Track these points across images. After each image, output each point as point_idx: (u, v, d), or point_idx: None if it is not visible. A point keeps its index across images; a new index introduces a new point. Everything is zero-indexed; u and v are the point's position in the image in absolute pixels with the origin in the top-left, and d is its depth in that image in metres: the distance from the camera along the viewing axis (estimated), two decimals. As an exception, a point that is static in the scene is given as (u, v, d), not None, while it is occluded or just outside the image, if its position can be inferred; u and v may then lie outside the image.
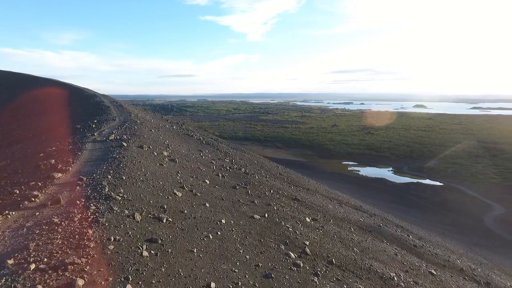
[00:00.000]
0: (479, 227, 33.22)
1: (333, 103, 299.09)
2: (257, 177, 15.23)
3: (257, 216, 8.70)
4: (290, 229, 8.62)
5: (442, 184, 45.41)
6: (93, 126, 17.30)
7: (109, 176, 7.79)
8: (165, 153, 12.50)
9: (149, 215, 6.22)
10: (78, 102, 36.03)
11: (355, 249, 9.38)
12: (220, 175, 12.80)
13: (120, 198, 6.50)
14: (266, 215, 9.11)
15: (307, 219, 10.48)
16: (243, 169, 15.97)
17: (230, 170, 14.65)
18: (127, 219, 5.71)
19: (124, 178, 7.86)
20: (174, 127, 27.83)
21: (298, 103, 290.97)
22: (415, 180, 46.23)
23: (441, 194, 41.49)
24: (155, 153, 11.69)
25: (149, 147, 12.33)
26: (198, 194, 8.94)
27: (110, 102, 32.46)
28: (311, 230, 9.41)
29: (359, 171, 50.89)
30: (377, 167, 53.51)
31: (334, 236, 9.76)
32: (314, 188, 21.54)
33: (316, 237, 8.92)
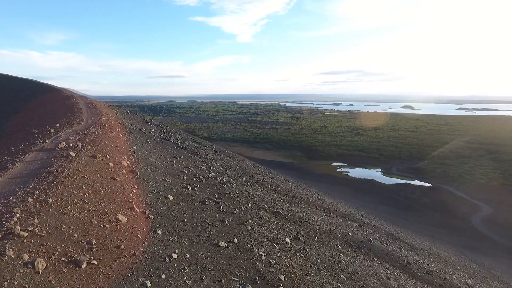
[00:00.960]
0: (468, 229, 32.70)
1: (323, 104, 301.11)
2: (235, 187, 13.67)
3: (223, 242, 7.15)
4: (264, 258, 7.11)
5: (430, 185, 45.03)
6: (52, 130, 15.37)
7: (30, 199, 6.09)
8: (125, 163, 10.79)
9: (62, 259, 4.57)
10: (52, 103, 33.68)
11: (341, 276, 7.96)
12: (190, 187, 11.18)
13: (27, 234, 4.83)
14: (236, 240, 7.57)
15: (287, 240, 9.00)
16: (220, 178, 14.37)
17: (204, 180, 13.03)
18: (21, 270, 4.06)
19: (50, 201, 6.17)
20: (152, 130, 25.91)
21: (288, 104, 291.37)
22: (403, 181, 45.70)
23: (429, 195, 41.02)
24: (111, 164, 9.97)
25: (106, 157, 10.59)
26: (151, 216, 7.31)
27: (85, 104, 30.33)
28: (290, 255, 7.93)
29: (348, 172, 50.08)
30: (366, 168, 52.87)
31: (317, 261, 8.31)
32: (300, 195, 20.15)
33: (295, 265, 7.44)
